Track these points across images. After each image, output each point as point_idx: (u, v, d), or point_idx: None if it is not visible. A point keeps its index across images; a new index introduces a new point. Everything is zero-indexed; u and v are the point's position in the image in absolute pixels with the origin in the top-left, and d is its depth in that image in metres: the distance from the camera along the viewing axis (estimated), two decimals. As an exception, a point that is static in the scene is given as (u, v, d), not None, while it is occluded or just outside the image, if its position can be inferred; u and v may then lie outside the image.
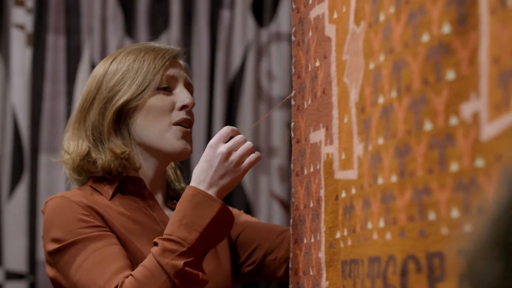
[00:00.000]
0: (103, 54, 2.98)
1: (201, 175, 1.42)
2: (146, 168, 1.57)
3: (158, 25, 3.05)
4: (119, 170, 1.55)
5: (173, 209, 1.62)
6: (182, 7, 3.07)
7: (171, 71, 1.58)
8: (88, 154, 1.55)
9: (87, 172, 1.56)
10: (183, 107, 1.56)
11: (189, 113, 1.57)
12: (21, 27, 2.91)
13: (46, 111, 2.90)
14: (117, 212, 1.51)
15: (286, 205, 2.97)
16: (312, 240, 1.36)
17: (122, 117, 1.55)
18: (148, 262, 1.39)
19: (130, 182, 1.57)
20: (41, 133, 2.89)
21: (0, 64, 2.90)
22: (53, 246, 1.46)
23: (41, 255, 2.82)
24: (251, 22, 3.12)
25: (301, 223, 1.42)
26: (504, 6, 0.84)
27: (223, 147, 1.42)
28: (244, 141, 1.45)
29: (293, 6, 1.50)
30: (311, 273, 1.36)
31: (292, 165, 1.48)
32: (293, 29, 1.50)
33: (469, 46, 0.90)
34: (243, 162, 1.43)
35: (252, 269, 1.66)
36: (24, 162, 2.86)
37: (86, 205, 1.48)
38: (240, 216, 1.72)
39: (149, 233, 1.51)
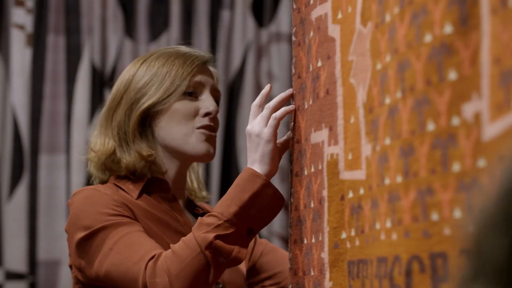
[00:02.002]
0: (103, 54, 2.98)
1: (248, 157, 1.42)
2: (168, 172, 1.59)
3: (158, 25, 3.05)
4: (144, 171, 1.56)
5: (193, 214, 1.64)
6: (182, 7, 3.07)
7: (199, 77, 1.59)
8: (113, 153, 1.56)
9: (110, 171, 1.58)
10: (206, 114, 1.57)
11: (213, 120, 1.58)
12: (21, 27, 2.91)
13: (46, 111, 2.90)
14: (144, 211, 1.52)
15: (285, 205, 2.97)
16: (313, 240, 1.36)
17: (147, 120, 1.57)
18: (187, 237, 1.39)
19: (155, 183, 1.57)
20: (41, 133, 2.89)
21: (0, 64, 2.90)
22: (82, 234, 1.47)
23: (41, 255, 2.83)
24: (251, 22, 3.12)
25: (301, 224, 1.42)
26: (505, 6, 0.84)
27: (248, 128, 1.42)
28: (262, 107, 1.44)
29: (294, 6, 1.50)
30: (312, 273, 1.35)
31: (291, 165, 1.48)
32: (294, 29, 1.50)
33: (471, 47, 0.90)
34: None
35: None
36: (24, 162, 2.86)
37: (118, 199, 1.50)
38: (257, 238, 1.73)
39: (173, 234, 1.52)
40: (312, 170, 1.37)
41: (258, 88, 3.09)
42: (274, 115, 1.42)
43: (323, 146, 1.33)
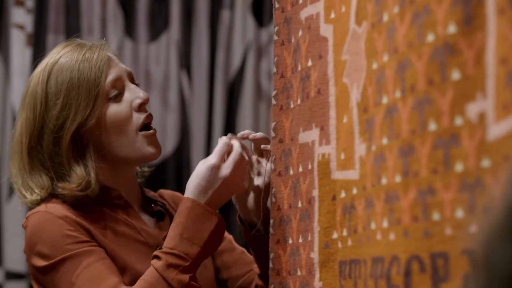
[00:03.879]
0: (103, 54, 2.98)
1: (195, 189, 1.42)
2: (118, 178, 1.52)
3: (158, 25, 3.05)
4: (84, 196, 1.46)
5: (150, 212, 1.58)
6: (182, 7, 3.07)
7: (112, 74, 1.49)
8: (50, 187, 1.47)
9: (56, 198, 1.48)
10: (140, 106, 1.50)
11: (145, 108, 1.52)
12: (21, 27, 2.91)
13: (46, 111, 2.90)
14: (99, 226, 1.46)
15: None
16: (301, 240, 1.35)
17: (80, 140, 1.47)
18: (150, 276, 1.38)
19: (106, 193, 1.50)
20: (41, 133, 2.89)
21: (0, 64, 2.90)
22: (41, 263, 1.41)
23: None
24: (251, 22, 3.12)
25: (285, 223, 1.41)
26: (512, 7, 0.84)
27: (210, 160, 1.42)
28: (226, 145, 1.44)
29: (277, 6, 1.49)
30: (299, 274, 1.35)
31: (272, 164, 1.47)
32: (276, 28, 1.49)
33: (475, 47, 0.90)
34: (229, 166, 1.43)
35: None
36: (24, 162, 2.86)
37: (72, 220, 1.42)
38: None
39: (132, 244, 1.48)
40: (300, 170, 1.36)
41: (258, 88, 3.09)
42: (231, 160, 1.43)
43: (313, 146, 1.32)
